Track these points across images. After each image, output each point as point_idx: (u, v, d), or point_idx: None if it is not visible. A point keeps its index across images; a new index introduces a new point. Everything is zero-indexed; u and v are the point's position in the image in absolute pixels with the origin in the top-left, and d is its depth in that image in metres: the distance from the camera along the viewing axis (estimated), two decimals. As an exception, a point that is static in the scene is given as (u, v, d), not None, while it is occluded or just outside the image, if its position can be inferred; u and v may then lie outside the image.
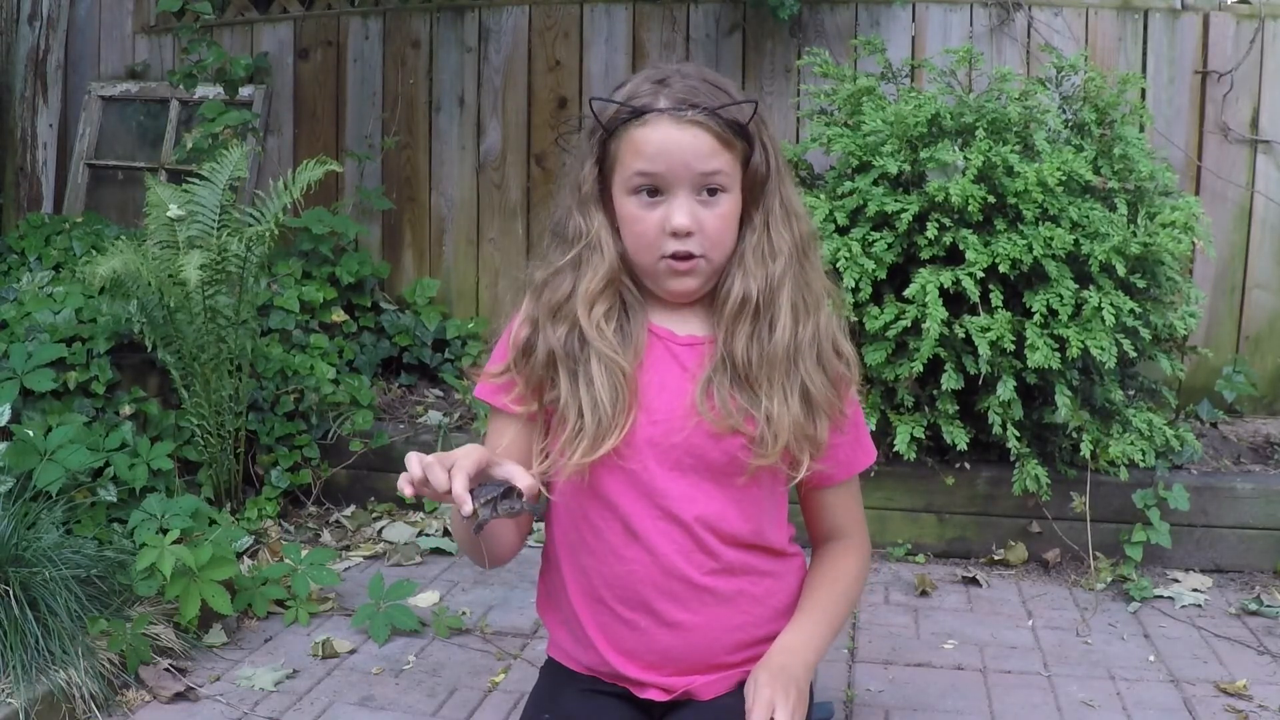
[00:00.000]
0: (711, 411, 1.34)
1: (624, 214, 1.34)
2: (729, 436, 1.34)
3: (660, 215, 1.31)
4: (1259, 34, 3.33)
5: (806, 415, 1.35)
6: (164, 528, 2.24)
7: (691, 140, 1.30)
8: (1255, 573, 2.64)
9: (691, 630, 1.38)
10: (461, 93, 3.81)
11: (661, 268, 1.34)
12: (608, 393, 1.32)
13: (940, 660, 2.19)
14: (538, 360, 1.36)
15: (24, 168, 4.09)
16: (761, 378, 1.34)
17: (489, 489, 1.19)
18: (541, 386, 1.38)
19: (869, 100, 2.84)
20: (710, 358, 1.37)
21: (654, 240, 1.32)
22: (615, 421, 1.32)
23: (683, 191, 1.31)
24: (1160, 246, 2.55)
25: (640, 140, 1.30)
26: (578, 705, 1.41)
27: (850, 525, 1.51)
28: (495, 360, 1.43)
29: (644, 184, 1.31)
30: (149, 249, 2.58)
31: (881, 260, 2.59)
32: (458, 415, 3.20)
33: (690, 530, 1.36)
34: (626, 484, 1.36)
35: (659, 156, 1.30)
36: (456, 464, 1.16)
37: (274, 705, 1.97)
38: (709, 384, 1.35)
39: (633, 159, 1.31)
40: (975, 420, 2.63)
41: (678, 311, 1.40)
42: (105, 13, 4.17)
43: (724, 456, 1.36)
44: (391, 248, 3.90)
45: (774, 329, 1.35)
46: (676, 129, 1.30)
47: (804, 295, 1.38)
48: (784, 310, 1.35)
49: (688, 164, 1.30)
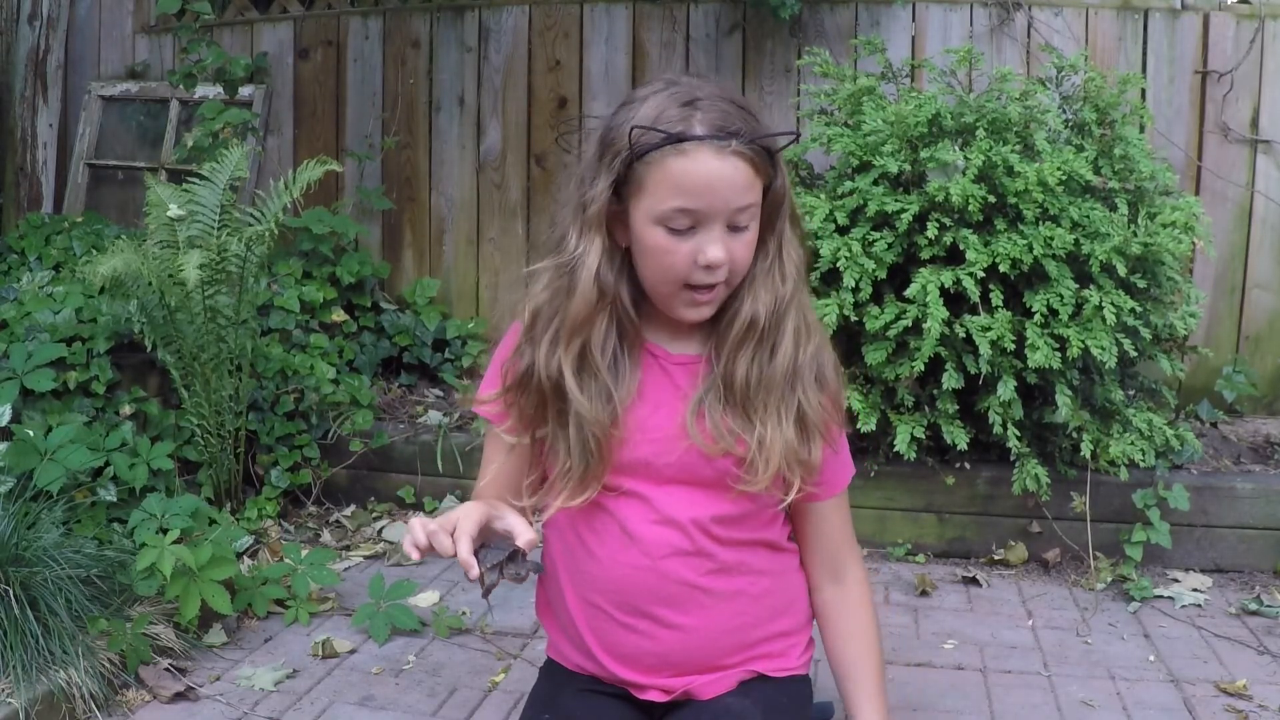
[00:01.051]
0: (702, 435, 1.33)
1: (649, 243, 1.28)
2: (720, 458, 1.34)
3: (692, 248, 1.26)
4: (1259, 34, 3.33)
5: (800, 440, 1.34)
6: (164, 528, 2.24)
7: (732, 173, 1.24)
8: (1255, 573, 2.64)
9: (690, 632, 1.38)
10: (461, 93, 3.81)
11: (683, 297, 1.31)
12: (593, 436, 1.31)
13: (940, 660, 2.19)
14: (530, 395, 1.35)
15: (24, 168, 4.09)
16: (758, 402, 1.32)
17: (494, 552, 1.24)
18: (534, 420, 1.37)
19: (869, 100, 2.84)
20: (703, 377, 1.35)
21: (684, 272, 1.28)
22: (602, 462, 1.32)
23: (717, 225, 1.26)
24: (1160, 246, 2.55)
25: (679, 173, 1.24)
26: (577, 705, 1.41)
27: (845, 548, 1.49)
28: (488, 385, 1.42)
29: (682, 218, 1.26)
30: (149, 249, 2.58)
31: (882, 260, 2.59)
32: (457, 415, 3.20)
33: (686, 531, 1.36)
34: (623, 494, 1.36)
35: (702, 193, 1.24)
36: (459, 528, 1.20)
37: (274, 705, 1.97)
38: (700, 405, 1.34)
39: (670, 192, 1.25)
40: (975, 420, 2.63)
41: (674, 329, 1.38)
42: (105, 13, 4.17)
43: (715, 474, 1.35)
44: (391, 248, 3.90)
45: (775, 352, 1.33)
46: (717, 160, 1.24)
47: (805, 316, 1.36)
48: (787, 333, 1.34)
49: (727, 200, 1.25)
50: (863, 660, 1.47)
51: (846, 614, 1.48)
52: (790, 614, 1.46)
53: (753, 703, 1.38)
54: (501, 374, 1.39)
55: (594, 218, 1.30)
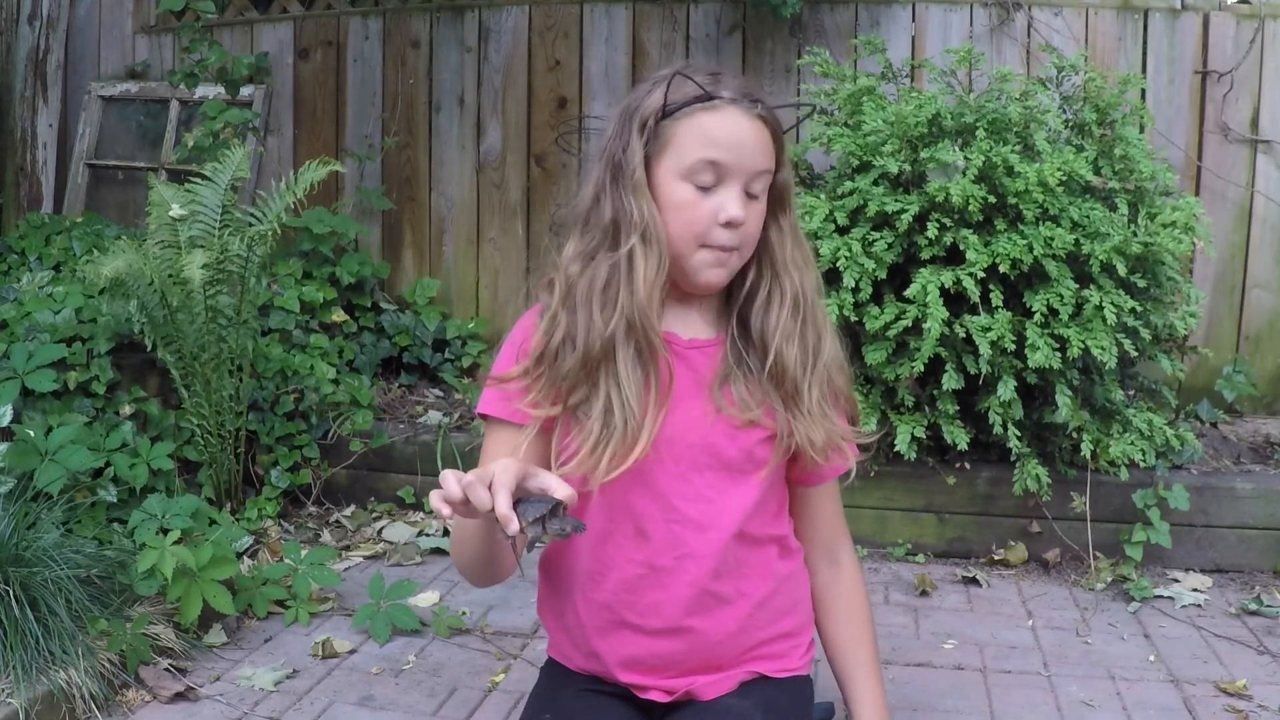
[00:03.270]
0: (731, 406, 1.35)
1: (674, 198, 1.31)
2: (746, 431, 1.35)
3: (714, 204, 1.30)
4: (1259, 34, 3.33)
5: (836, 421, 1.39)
6: (164, 528, 2.24)
7: (758, 134, 1.31)
8: (1255, 573, 2.65)
9: (697, 634, 1.38)
10: (461, 93, 3.81)
11: (703, 257, 1.33)
12: (635, 394, 1.30)
13: (940, 660, 2.19)
14: (569, 361, 1.31)
15: (24, 168, 4.09)
16: (805, 388, 1.36)
17: (534, 506, 1.13)
18: (568, 388, 1.32)
19: (869, 100, 2.84)
20: (721, 360, 1.37)
21: (704, 229, 1.31)
22: (643, 423, 1.30)
23: (737, 184, 1.31)
24: (1161, 246, 2.55)
25: (711, 126, 1.30)
26: (578, 705, 1.41)
27: (839, 531, 1.53)
28: (503, 364, 1.39)
29: (707, 171, 1.30)
30: (150, 249, 2.58)
31: (882, 260, 2.59)
32: (457, 415, 3.20)
33: (702, 532, 1.35)
34: (639, 487, 1.34)
35: (731, 145, 1.30)
36: (496, 480, 1.11)
37: (274, 705, 1.97)
38: (725, 381, 1.36)
39: (699, 145, 1.30)
40: (976, 420, 2.64)
41: (682, 315, 1.38)
42: (105, 13, 4.17)
43: (740, 454, 1.36)
44: (391, 248, 3.90)
45: (822, 338, 1.38)
46: (746, 119, 1.30)
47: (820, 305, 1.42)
48: (825, 319, 1.40)
49: (752, 159, 1.31)
50: (858, 640, 1.50)
51: (842, 596, 1.51)
52: (794, 614, 1.46)
53: (754, 703, 1.38)
54: (516, 355, 1.37)
55: (640, 182, 1.32)
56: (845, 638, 1.50)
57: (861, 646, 1.50)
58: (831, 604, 1.51)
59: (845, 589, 1.51)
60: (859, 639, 1.50)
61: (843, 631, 1.50)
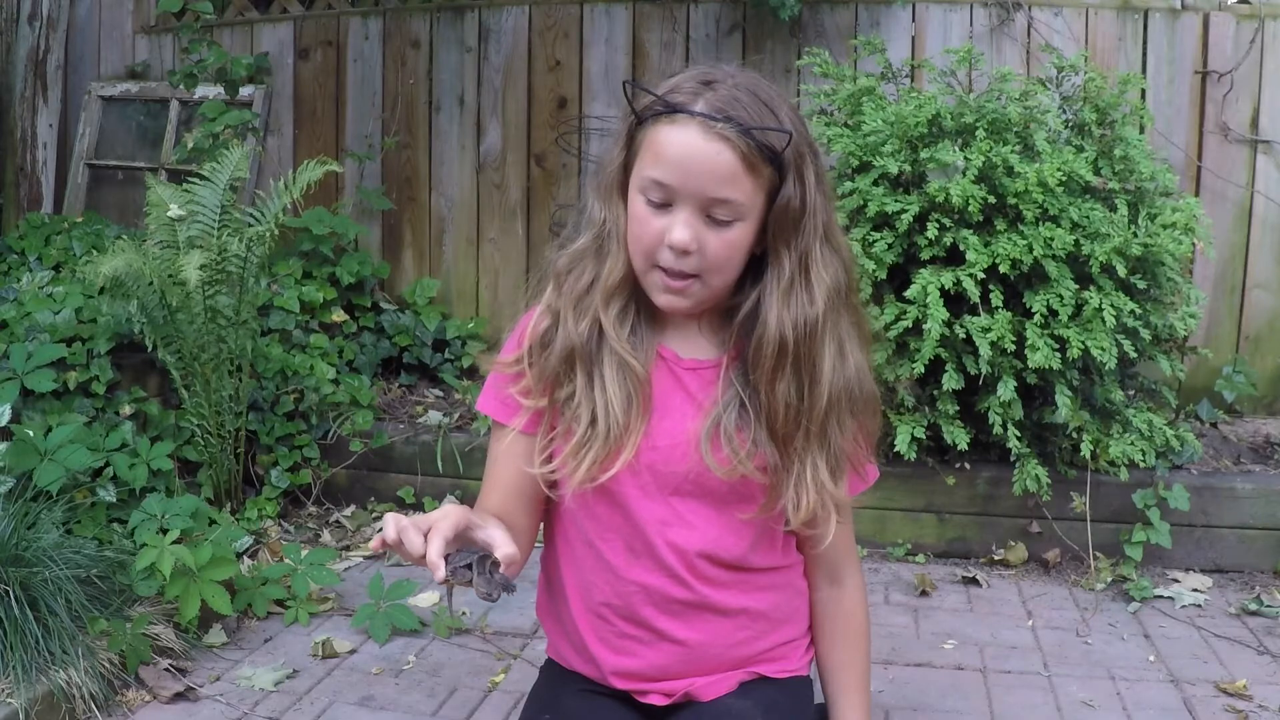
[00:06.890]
0: (721, 465, 1.28)
1: (632, 210, 1.26)
2: (735, 480, 1.31)
3: (663, 225, 1.23)
4: (1259, 34, 3.33)
5: (835, 480, 1.31)
6: (164, 528, 2.24)
7: (713, 156, 1.19)
8: (1255, 573, 2.65)
9: (694, 645, 1.37)
10: (461, 93, 3.81)
11: (654, 278, 1.27)
12: (620, 399, 1.27)
13: (940, 660, 2.19)
14: (554, 353, 1.30)
15: (24, 168, 4.09)
16: (796, 437, 1.28)
17: (463, 555, 1.11)
18: (554, 382, 1.31)
19: (869, 100, 2.84)
20: (720, 388, 1.31)
21: (650, 246, 1.24)
22: (627, 431, 1.27)
23: (688, 208, 1.22)
24: (1161, 247, 2.55)
25: (663, 142, 1.21)
26: (578, 705, 1.41)
27: (846, 556, 1.46)
28: (509, 349, 1.38)
29: (655, 189, 1.23)
30: (150, 249, 2.58)
31: (882, 260, 2.59)
32: (457, 415, 3.20)
33: (689, 556, 1.33)
34: (626, 505, 1.33)
35: (676, 166, 1.20)
36: (434, 527, 1.10)
37: (274, 705, 1.97)
38: (715, 428, 1.29)
39: (651, 160, 1.23)
40: (975, 420, 2.64)
41: (683, 331, 1.35)
42: (105, 13, 4.17)
43: (725, 488, 1.32)
44: (391, 248, 3.90)
45: (817, 381, 1.27)
46: (702, 139, 1.19)
47: (843, 339, 1.30)
48: (826, 359, 1.28)
49: (701, 184, 1.20)
50: (849, 666, 1.46)
51: (840, 617, 1.47)
52: (793, 622, 1.44)
53: (753, 703, 1.37)
54: (528, 332, 1.35)
55: (611, 183, 1.29)
56: (836, 661, 1.46)
57: (851, 672, 1.45)
58: (828, 624, 1.47)
59: (844, 610, 1.46)
60: (850, 664, 1.46)
61: (835, 654, 1.46)
